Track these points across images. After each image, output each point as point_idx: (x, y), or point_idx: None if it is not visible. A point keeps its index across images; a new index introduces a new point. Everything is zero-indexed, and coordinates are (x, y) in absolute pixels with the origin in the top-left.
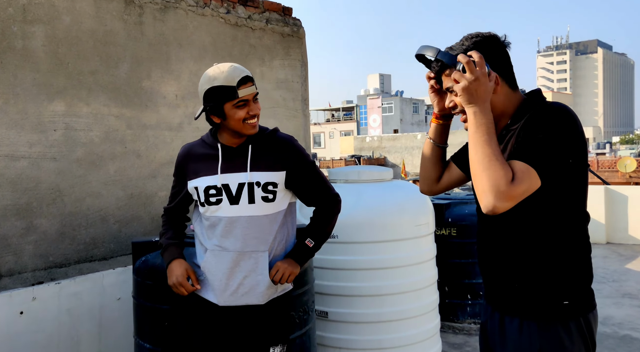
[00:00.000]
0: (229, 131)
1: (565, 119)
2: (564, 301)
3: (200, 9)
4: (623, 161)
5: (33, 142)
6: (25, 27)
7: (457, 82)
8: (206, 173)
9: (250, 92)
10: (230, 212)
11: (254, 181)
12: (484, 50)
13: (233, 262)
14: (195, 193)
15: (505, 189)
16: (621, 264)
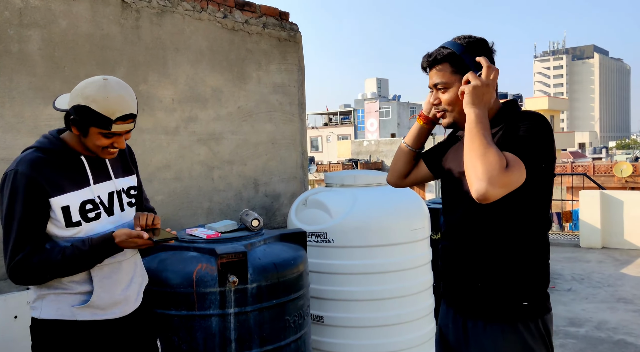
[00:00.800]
0: (81, 144)
1: (544, 125)
2: (524, 302)
3: (197, 14)
4: (619, 166)
5: (29, 145)
6: (21, 31)
7: (467, 82)
8: (73, 187)
9: (125, 129)
10: (112, 224)
11: (120, 188)
12: (475, 50)
13: (124, 272)
14: (61, 214)
15: (498, 174)
16: (616, 268)
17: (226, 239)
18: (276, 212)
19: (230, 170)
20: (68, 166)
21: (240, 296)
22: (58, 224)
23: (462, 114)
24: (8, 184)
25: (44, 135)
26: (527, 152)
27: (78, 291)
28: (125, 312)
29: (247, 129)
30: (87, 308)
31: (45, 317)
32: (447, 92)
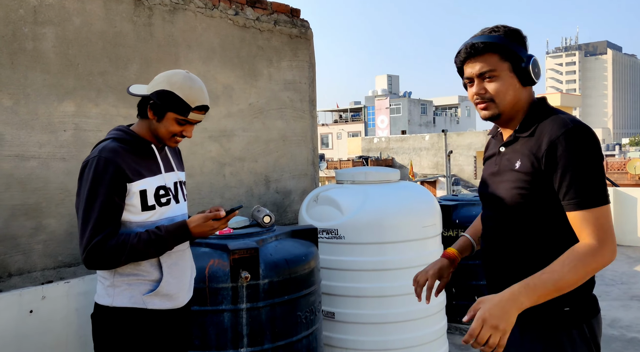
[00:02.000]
0: (149, 128)
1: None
2: (565, 308)
3: (209, 11)
4: (633, 163)
5: (43, 142)
6: (36, 29)
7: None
8: (149, 173)
9: (198, 119)
10: (179, 210)
11: (182, 180)
12: (520, 38)
13: (187, 260)
14: (139, 198)
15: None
16: (630, 266)
17: (238, 235)
18: (287, 209)
19: (241, 167)
20: (143, 154)
21: (252, 292)
22: (133, 209)
23: (508, 106)
24: (91, 169)
25: (116, 128)
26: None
27: (149, 279)
28: (184, 301)
29: (258, 126)
30: (156, 296)
31: (118, 305)
32: (494, 81)
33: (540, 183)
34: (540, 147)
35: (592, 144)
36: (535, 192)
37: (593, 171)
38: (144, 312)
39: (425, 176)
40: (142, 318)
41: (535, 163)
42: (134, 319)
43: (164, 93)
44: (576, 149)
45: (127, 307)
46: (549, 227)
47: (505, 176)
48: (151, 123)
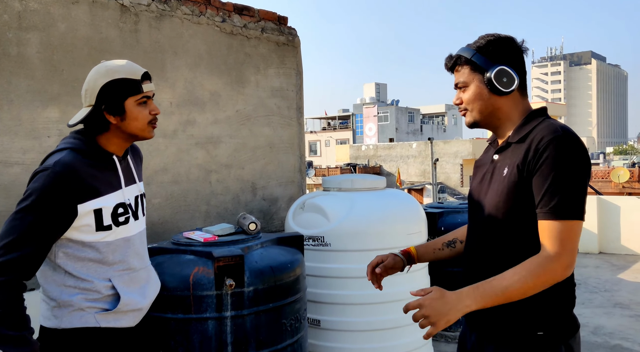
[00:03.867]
0: (122, 135)
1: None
2: (538, 332)
3: (195, 17)
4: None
5: (27, 148)
6: (20, 34)
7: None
8: (109, 189)
9: (152, 88)
10: (136, 228)
11: (143, 192)
12: (501, 49)
13: (144, 280)
14: (92, 217)
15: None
16: (613, 273)
17: (223, 242)
18: (274, 216)
19: (228, 174)
20: (102, 167)
21: (236, 300)
22: (87, 229)
23: (482, 113)
24: (38, 182)
25: (73, 136)
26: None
27: (102, 297)
28: (139, 319)
29: (245, 133)
30: (110, 314)
31: (66, 326)
32: (466, 91)
33: (524, 191)
34: (527, 152)
35: (579, 155)
36: (520, 200)
37: (573, 183)
38: (97, 331)
39: (412, 184)
40: (95, 338)
41: (520, 169)
42: (86, 340)
43: (106, 86)
44: (561, 156)
45: (77, 327)
46: (532, 235)
47: (493, 183)
48: (117, 129)
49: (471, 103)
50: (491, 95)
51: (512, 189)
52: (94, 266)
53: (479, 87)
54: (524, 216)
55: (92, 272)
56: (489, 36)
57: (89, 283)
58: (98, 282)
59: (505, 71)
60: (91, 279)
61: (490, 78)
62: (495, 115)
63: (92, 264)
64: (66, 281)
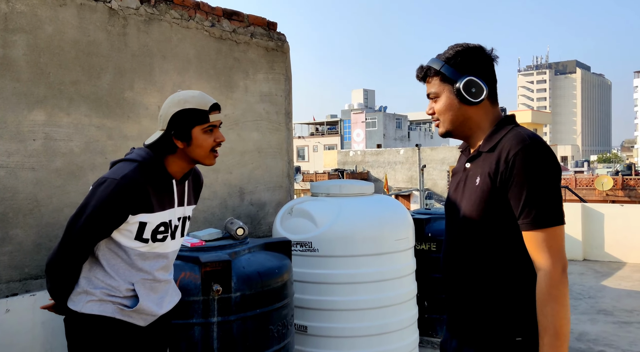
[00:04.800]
0: (186, 159)
1: (558, 165)
2: (517, 338)
3: (184, 22)
4: (600, 180)
5: (11, 151)
6: (6, 36)
7: None
8: (159, 208)
9: (218, 119)
10: (171, 247)
11: (187, 215)
12: (469, 59)
13: (164, 291)
14: (136, 227)
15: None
16: (597, 280)
17: (210, 247)
18: (261, 221)
19: (215, 179)
20: (160, 187)
21: (223, 305)
22: (128, 234)
23: (453, 123)
24: (105, 190)
25: (146, 151)
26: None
27: (125, 296)
28: (150, 321)
29: (233, 138)
30: (128, 311)
31: (87, 311)
32: (437, 102)
33: (497, 200)
34: (498, 163)
35: (549, 162)
36: (492, 208)
37: (548, 190)
38: (111, 321)
39: (399, 190)
40: (109, 327)
41: (492, 179)
42: (100, 327)
43: (177, 115)
44: (532, 166)
45: (95, 314)
46: (505, 242)
47: (466, 192)
48: (183, 153)
49: (443, 114)
50: (461, 105)
51: (484, 198)
52: (123, 268)
53: (449, 97)
54: (496, 224)
55: (119, 272)
56: (457, 46)
57: (115, 281)
58: (122, 283)
59: (473, 81)
60: (117, 278)
61: (459, 89)
62: (467, 125)
63: (122, 265)
64: (97, 273)
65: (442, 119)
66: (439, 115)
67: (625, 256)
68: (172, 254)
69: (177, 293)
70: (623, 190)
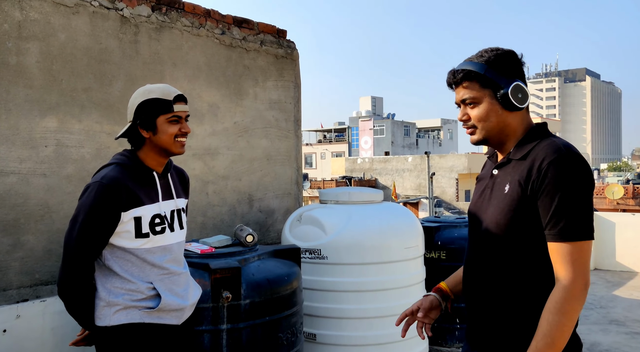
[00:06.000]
0: (155, 150)
1: (592, 177)
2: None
3: (195, 30)
4: (611, 188)
5: (23, 158)
6: (20, 44)
7: None
8: (147, 201)
9: (183, 110)
10: (174, 239)
11: (180, 207)
12: (510, 63)
13: (185, 283)
14: (133, 224)
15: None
16: (608, 290)
17: (220, 254)
18: (270, 228)
19: (225, 186)
20: (143, 181)
21: (233, 312)
22: (127, 235)
23: (492, 130)
24: (90, 195)
25: (121, 153)
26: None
27: (145, 297)
28: (184, 318)
29: (242, 145)
30: (154, 312)
31: (115, 323)
32: (476, 108)
33: (526, 208)
34: (530, 171)
35: (583, 174)
36: (520, 217)
37: (579, 203)
38: (143, 327)
39: (407, 197)
40: (141, 333)
41: (523, 187)
42: (133, 335)
43: (142, 105)
44: (566, 176)
45: (125, 323)
46: (531, 253)
47: (493, 199)
48: (151, 143)
49: (482, 120)
50: (503, 111)
51: (513, 206)
52: (137, 270)
53: (492, 103)
54: (524, 232)
55: (135, 275)
56: (494, 50)
57: (133, 284)
58: (141, 284)
59: (520, 87)
60: (135, 281)
61: (507, 94)
62: (504, 132)
63: (134, 268)
64: (114, 282)
65: (480, 126)
66: (476, 122)
67: (636, 265)
68: (176, 246)
69: (198, 287)
70: (634, 199)
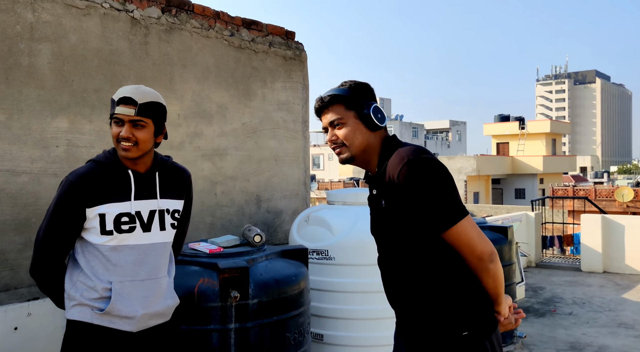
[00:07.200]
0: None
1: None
2: (464, 332)
3: (204, 31)
4: (620, 191)
5: (35, 157)
6: (32, 45)
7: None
8: (116, 199)
9: (124, 113)
10: (146, 240)
11: (164, 208)
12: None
13: (151, 291)
14: (97, 221)
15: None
16: (618, 293)
17: (228, 254)
18: (278, 229)
19: (233, 186)
20: (115, 179)
21: (241, 312)
22: (94, 231)
23: (359, 147)
24: (58, 190)
25: (104, 151)
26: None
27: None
28: (140, 327)
29: (250, 146)
30: (105, 315)
31: (71, 317)
32: (343, 128)
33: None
34: (391, 183)
35: (432, 168)
36: (402, 223)
37: (439, 193)
38: (93, 328)
39: None
40: (91, 333)
41: (393, 197)
42: (83, 334)
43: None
44: (419, 178)
45: (77, 320)
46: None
47: (379, 216)
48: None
49: (350, 138)
50: (367, 130)
51: (393, 216)
52: (101, 268)
53: (357, 122)
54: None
55: (97, 273)
56: (351, 81)
57: (92, 282)
58: (99, 283)
59: (379, 108)
60: (94, 279)
61: (369, 114)
62: (367, 150)
63: (99, 266)
64: (79, 276)
65: (348, 143)
66: (345, 140)
67: None
68: (148, 247)
69: (171, 296)
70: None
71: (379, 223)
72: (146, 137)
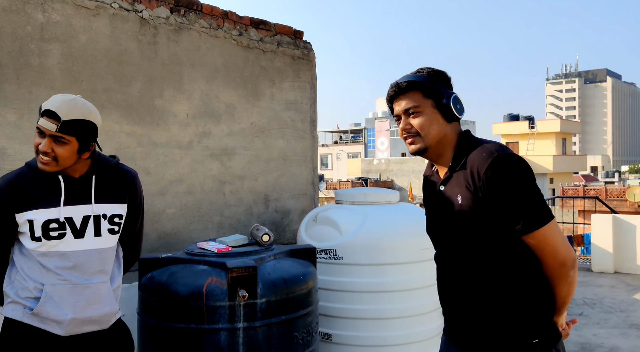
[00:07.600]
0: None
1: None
2: (534, 340)
3: (213, 31)
4: (632, 190)
5: None
6: (42, 45)
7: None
8: (44, 205)
9: (45, 126)
10: (79, 246)
11: (99, 214)
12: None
13: (85, 297)
14: (27, 226)
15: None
16: (629, 294)
17: (237, 253)
18: (286, 228)
19: (241, 186)
20: (45, 184)
21: (249, 311)
22: (26, 236)
23: (434, 138)
24: None
25: None
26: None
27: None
28: (70, 331)
29: (259, 145)
30: (35, 315)
31: (5, 314)
32: (418, 117)
33: (482, 213)
34: (473, 178)
35: (520, 168)
36: (482, 221)
37: (529, 193)
38: (23, 327)
39: None
40: (21, 332)
41: (474, 193)
42: (14, 332)
43: None
44: (506, 175)
45: (10, 318)
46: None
47: (450, 213)
48: None
49: (426, 128)
50: (444, 121)
51: (470, 214)
52: (36, 269)
53: (434, 112)
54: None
55: (31, 274)
56: (429, 68)
57: (25, 281)
58: (31, 283)
59: (459, 98)
60: (27, 279)
61: (448, 104)
62: (442, 142)
63: (33, 268)
64: (16, 274)
65: (423, 133)
66: (420, 130)
67: None
68: (81, 254)
69: (110, 303)
70: None
71: (448, 220)
72: (66, 154)
